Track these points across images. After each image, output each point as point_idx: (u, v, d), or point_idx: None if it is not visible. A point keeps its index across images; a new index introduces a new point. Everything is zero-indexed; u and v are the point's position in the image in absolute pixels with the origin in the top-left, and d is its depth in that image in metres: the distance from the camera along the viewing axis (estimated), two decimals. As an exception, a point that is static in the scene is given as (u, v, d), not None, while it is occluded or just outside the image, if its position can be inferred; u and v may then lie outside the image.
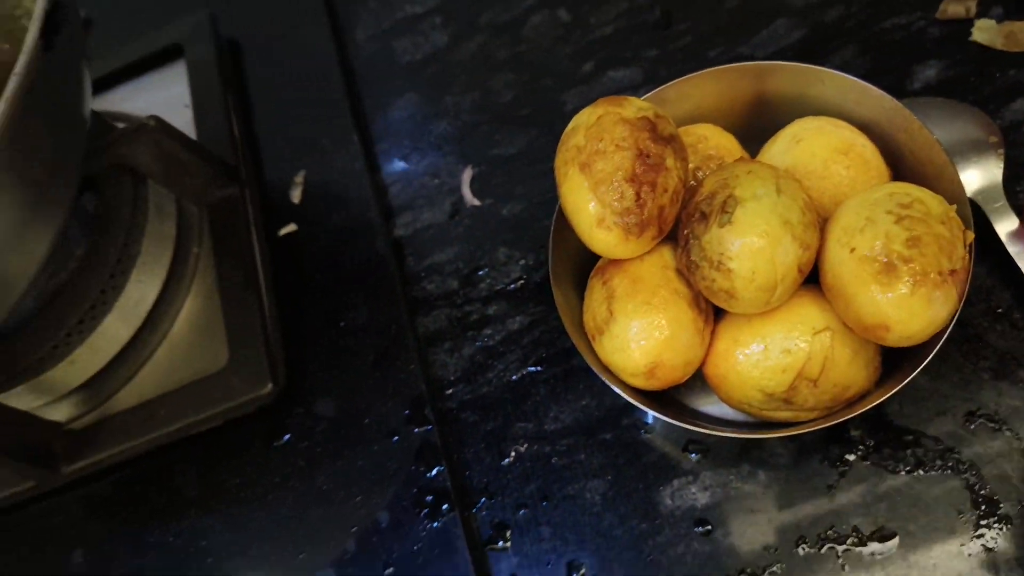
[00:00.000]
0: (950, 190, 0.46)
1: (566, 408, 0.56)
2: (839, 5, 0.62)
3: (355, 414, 0.57)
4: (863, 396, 0.47)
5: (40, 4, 0.44)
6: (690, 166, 0.50)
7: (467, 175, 0.64)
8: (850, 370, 0.46)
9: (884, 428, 0.51)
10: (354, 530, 0.54)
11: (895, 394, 0.50)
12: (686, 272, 0.47)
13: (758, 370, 0.46)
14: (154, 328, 0.61)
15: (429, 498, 0.54)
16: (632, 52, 0.65)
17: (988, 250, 0.51)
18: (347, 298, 0.61)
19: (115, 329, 0.59)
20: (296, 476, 0.57)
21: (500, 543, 0.53)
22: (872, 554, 0.48)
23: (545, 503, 0.53)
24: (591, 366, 0.49)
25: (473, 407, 0.57)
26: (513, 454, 0.55)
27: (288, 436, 0.58)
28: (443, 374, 0.58)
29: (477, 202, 0.63)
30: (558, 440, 0.55)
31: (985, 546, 0.46)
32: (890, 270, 0.43)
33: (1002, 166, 0.53)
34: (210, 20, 0.72)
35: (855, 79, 0.51)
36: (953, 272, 0.43)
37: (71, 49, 0.49)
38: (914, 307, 0.42)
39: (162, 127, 0.56)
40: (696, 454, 0.53)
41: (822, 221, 0.47)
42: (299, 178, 0.66)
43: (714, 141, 0.53)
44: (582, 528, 0.52)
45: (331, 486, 0.56)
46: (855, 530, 0.49)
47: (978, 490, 0.48)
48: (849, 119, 0.51)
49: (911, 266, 0.42)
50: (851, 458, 0.50)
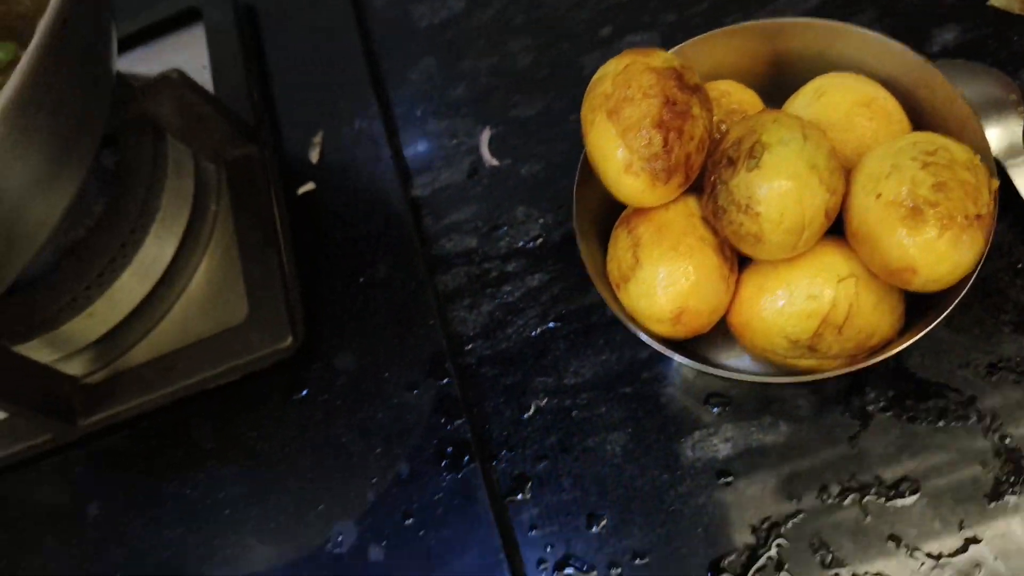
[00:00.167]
0: (973, 143, 0.46)
1: (586, 363, 0.56)
2: (858, -29, 0.63)
3: (374, 368, 0.57)
4: (886, 345, 0.47)
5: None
6: (714, 119, 0.50)
7: (485, 136, 0.64)
8: (874, 317, 0.46)
9: (906, 380, 0.51)
10: (374, 481, 0.54)
11: (916, 347, 0.51)
12: (712, 219, 0.47)
13: (783, 316, 0.47)
14: (171, 284, 0.61)
15: (449, 450, 0.54)
16: (650, 17, 0.65)
17: (1009, 207, 0.51)
18: (366, 256, 0.61)
19: (134, 283, 0.59)
20: (314, 429, 0.56)
21: (520, 495, 0.53)
22: (895, 504, 0.48)
23: (565, 455, 0.53)
24: (615, 312, 0.49)
25: (493, 362, 0.57)
26: (533, 408, 0.55)
27: (306, 390, 0.58)
28: (462, 330, 0.58)
29: (496, 162, 0.63)
30: (578, 394, 0.55)
31: (1008, 495, 0.47)
32: (917, 214, 0.43)
33: (1022, 124, 0.53)
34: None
35: (876, 34, 0.51)
36: (979, 217, 0.43)
37: (96, 2, 0.49)
38: (941, 250, 0.43)
39: (185, 80, 0.56)
40: (717, 407, 0.53)
41: (846, 172, 0.47)
42: (317, 139, 0.66)
43: (736, 96, 0.53)
44: (602, 480, 0.52)
45: (350, 439, 0.56)
46: (878, 480, 0.49)
47: (1000, 441, 0.48)
48: (869, 76, 0.52)
49: (938, 210, 0.43)
50: (872, 410, 0.51)
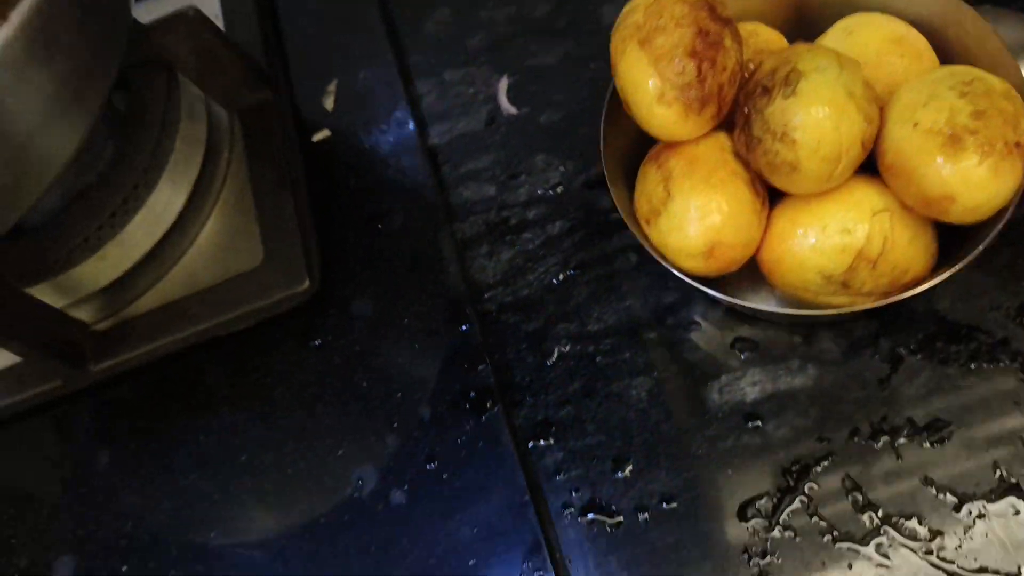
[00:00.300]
0: (1007, 78, 0.46)
1: (609, 309, 0.55)
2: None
3: (393, 315, 0.56)
4: (919, 283, 0.47)
5: None
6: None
7: (503, 84, 0.63)
8: (909, 252, 0.46)
9: (936, 323, 0.50)
10: (395, 426, 0.53)
11: (946, 290, 0.50)
12: (745, 151, 0.47)
13: (817, 251, 0.46)
14: (183, 231, 0.60)
15: (472, 395, 0.53)
16: (670, -33, 0.65)
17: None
18: (382, 203, 0.60)
19: (146, 227, 0.57)
20: (333, 374, 0.55)
21: (544, 440, 0.52)
22: (927, 444, 0.48)
23: (589, 400, 0.53)
24: (646, 247, 0.48)
25: (514, 309, 0.56)
26: (556, 354, 0.54)
27: (324, 336, 0.57)
28: (482, 277, 0.57)
29: (514, 110, 0.62)
30: (601, 339, 0.54)
31: (1042, 430, 0.46)
32: (956, 142, 0.42)
33: (1050, 67, 0.52)
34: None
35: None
36: (1018, 145, 0.43)
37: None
38: (980, 177, 0.42)
39: (200, 17, 0.55)
40: (744, 352, 0.52)
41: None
42: (331, 87, 0.65)
43: (764, 36, 0.52)
44: (628, 424, 0.52)
45: (369, 384, 0.55)
46: (909, 422, 0.48)
47: (1032, 380, 0.48)
48: (898, 16, 0.51)
49: (977, 137, 0.42)
50: (903, 352, 0.50)
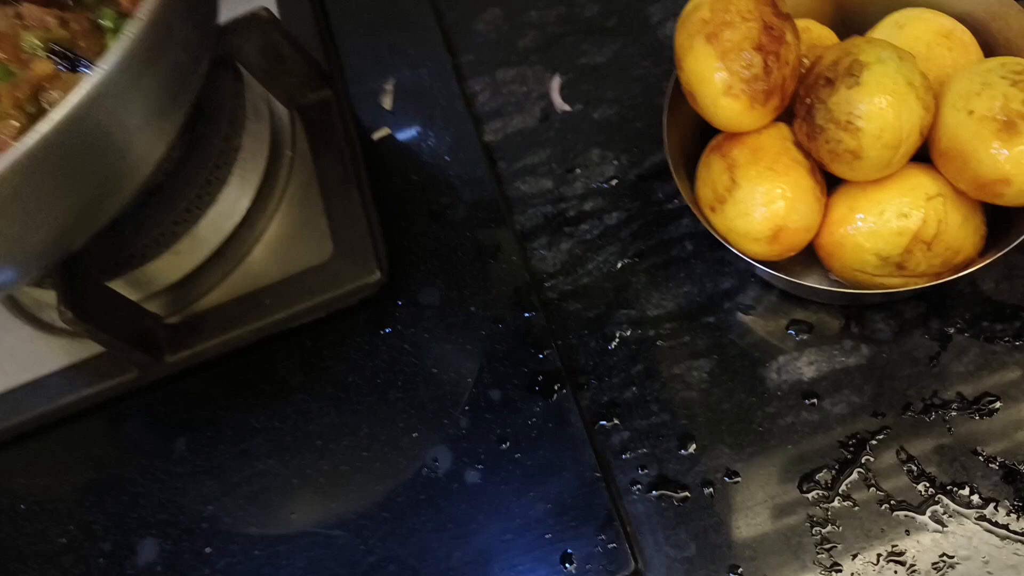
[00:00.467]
0: (1050, 70, 0.49)
1: (667, 295, 0.57)
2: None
3: (460, 303, 0.59)
4: (970, 264, 0.49)
5: None
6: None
7: (555, 82, 0.66)
8: (961, 234, 0.48)
9: (982, 304, 0.53)
10: (466, 408, 0.55)
11: (991, 273, 0.53)
12: (807, 141, 0.49)
13: (875, 235, 0.48)
14: (251, 226, 0.62)
15: (540, 378, 0.55)
16: (712, -31, 0.67)
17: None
18: (444, 197, 0.62)
19: (218, 221, 0.60)
20: (403, 361, 0.58)
21: (609, 421, 0.54)
22: (976, 417, 0.50)
23: (652, 382, 0.55)
24: (712, 232, 0.51)
25: (575, 296, 0.58)
26: (617, 338, 0.57)
27: (394, 325, 0.59)
28: (542, 267, 0.60)
29: (567, 107, 0.65)
30: (661, 324, 0.57)
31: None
32: (1010, 127, 0.45)
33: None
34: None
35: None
36: (1068, 130, 0.45)
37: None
38: (1035, 162, 0.45)
39: (272, 18, 0.57)
40: (799, 334, 0.55)
41: (931, 96, 0.49)
42: (389, 86, 0.67)
43: (815, 32, 0.55)
44: (691, 404, 0.54)
45: (440, 369, 0.57)
46: (959, 397, 0.51)
47: (1078, 355, 0.50)
48: (941, 11, 0.54)
49: (1030, 123, 0.45)
50: (951, 331, 0.53)
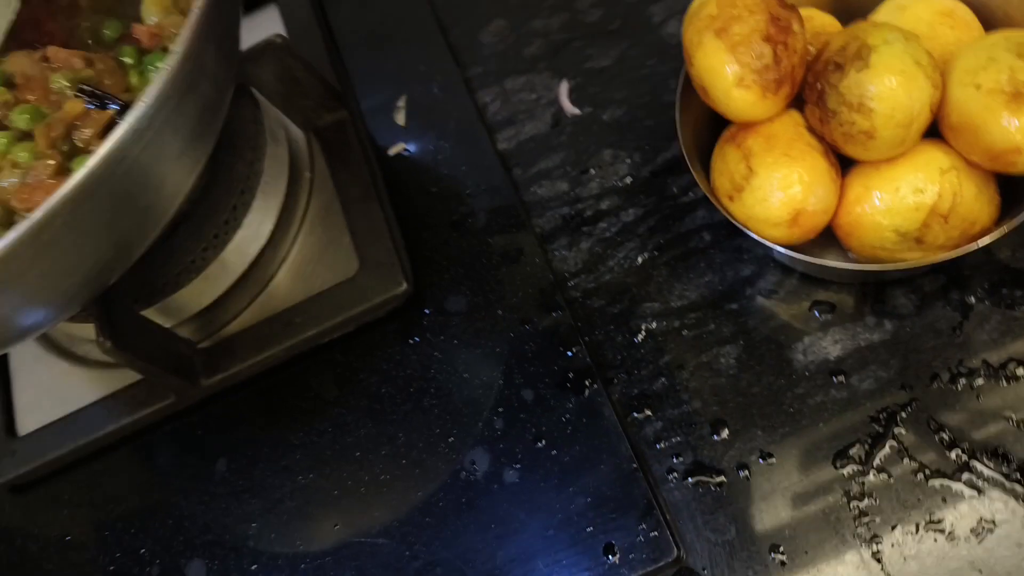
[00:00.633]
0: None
1: (689, 286, 0.58)
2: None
3: (486, 307, 0.60)
4: (986, 233, 0.50)
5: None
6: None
7: (564, 88, 0.67)
8: (976, 205, 0.50)
9: (1000, 272, 0.54)
10: (500, 410, 0.56)
11: (1007, 241, 0.54)
12: (820, 125, 0.50)
13: (892, 212, 0.50)
14: (276, 247, 0.63)
15: (570, 375, 0.56)
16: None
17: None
18: (463, 206, 0.64)
19: (244, 245, 0.61)
20: (436, 368, 0.59)
21: (641, 412, 0.55)
22: (1003, 383, 0.51)
23: (680, 371, 0.56)
24: (732, 221, 0.52)
25: (598, 294, 0.59)
26: (643, 331, 0.58)
27: (423, 334, 0.60)
28: (564, 267, 0.61)
29: (577, 111, 0.66)
30: (686, 314, 0.58)
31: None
32: (1019, 97, 0.46)
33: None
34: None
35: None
36: (1074, 97, 0.46)
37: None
38: (1044, 129, 0.46)
39: (287, 44, 0.59)
40: (821, 314, 0.56)
41: (936, 74, 0.50)
42: (401, 102, 0.69)
43: (818, 20, 0.56)
44: (721, 390, 0.55)
45: (471, 373, 0.58)
46: (985, 364, 0.52)
47: (1098, 316, 0.51)
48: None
49: (1038, 93, 0.46)
50: (972, 300, 0.54)
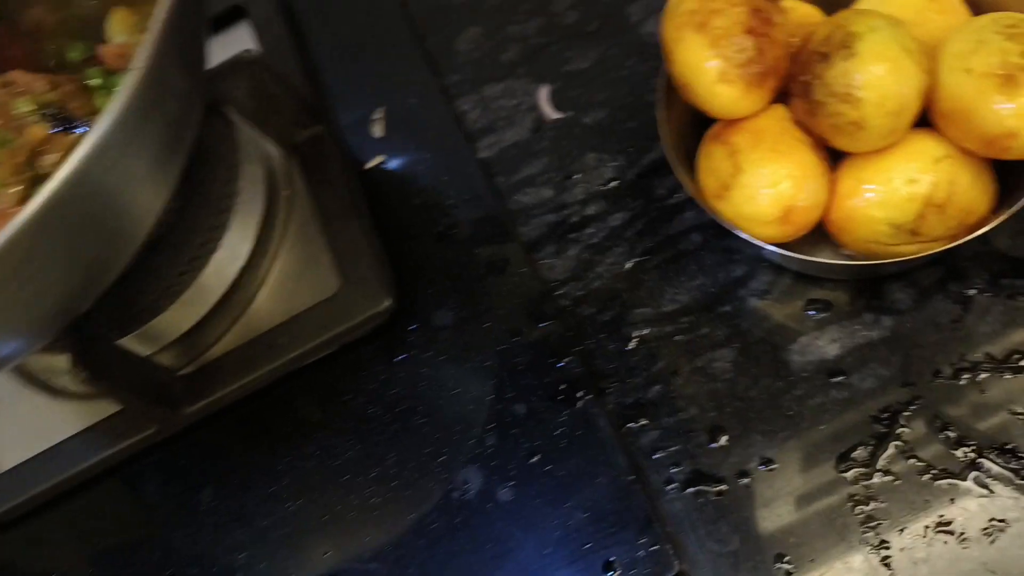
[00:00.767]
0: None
1: (681, 289, 0.57)
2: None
3: (474, 320, 0.58)
4: (984, 223, 0.49)
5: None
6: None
7: (544, 92, 0.65)
8: (972, 193, 0.48)
9: (999, 261, 0.53)
10: (492, 426, 0.55)
11: (1005, 229, 0.53)
12: (807, 118, 0.49)
13: (885, 204, 0.48)
14: (255, 268, 0.61)
15: (562, 387, 0.55)
16: (686, -35, 0.67)
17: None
18: (446, 218, 0.62)
19: (223, 267, 0.59)
20: (423, 384, 0.57)
21: (637, 422, 0.54)
22: (1008, 375, 0.50)
23: (675, 378, 0.54)
24: (719, 221, 0.50)
25: (588, 301, 0.58)
26: (636, 338, 0.56)
27: (409, 350, 0.58)
28: (552, 276, 0.59)
29: (558, 115, 0.65)
30: (678, 319, 0.56)
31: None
32: (1011, 80, 0.45)
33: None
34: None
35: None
36: (1068, 77, 0.45)
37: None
38: (1039, 113, 0.45)
39: (259, 59, 0.57)
40: (817, 313, 0.54)
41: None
42: (379, 114, 0.67)
43: (800, 11, 0.55)
44: (717, 395, 0.53)
45: (461, 389, 0.56)
46: (988, 356, 0.51)
47: (1101, 303, 0.50)
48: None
49: (1030, 74, 0.45)
50: (971, 292, 0.52)
